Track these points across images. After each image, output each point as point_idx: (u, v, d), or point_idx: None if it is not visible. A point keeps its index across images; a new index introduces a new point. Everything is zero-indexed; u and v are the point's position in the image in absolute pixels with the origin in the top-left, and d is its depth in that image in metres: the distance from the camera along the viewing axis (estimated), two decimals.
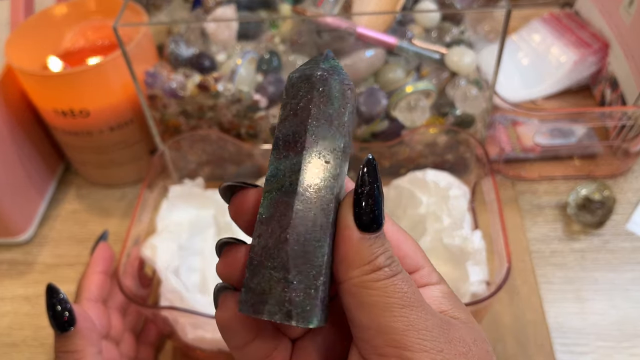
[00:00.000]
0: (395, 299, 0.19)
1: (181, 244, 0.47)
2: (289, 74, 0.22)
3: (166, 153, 0.52)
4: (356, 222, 0.20)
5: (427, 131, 0.52)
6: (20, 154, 0.56)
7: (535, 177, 0.58)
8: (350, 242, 0.20)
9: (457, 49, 0.52)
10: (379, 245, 0.20)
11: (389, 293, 0.19)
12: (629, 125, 0.55)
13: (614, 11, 0.58)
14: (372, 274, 0.20)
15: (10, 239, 0.57)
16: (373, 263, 0.20)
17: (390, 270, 0.20)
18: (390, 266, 0.20)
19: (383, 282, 0.20)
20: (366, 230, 0.20)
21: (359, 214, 0.20)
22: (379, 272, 0.20)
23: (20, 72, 0.51)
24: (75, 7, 0.58)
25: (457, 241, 0.44)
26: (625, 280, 0.49)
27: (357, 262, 0.20)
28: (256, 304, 0.20)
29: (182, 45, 0.55)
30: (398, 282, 0.20)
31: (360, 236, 0.20)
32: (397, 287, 0.20)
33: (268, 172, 0.21)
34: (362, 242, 0.20)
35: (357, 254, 0.20)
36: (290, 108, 0.21)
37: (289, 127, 0.21)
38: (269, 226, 0.20)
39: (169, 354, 0.48)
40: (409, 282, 0.20)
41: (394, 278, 0.20)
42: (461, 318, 0.22)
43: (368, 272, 0.20)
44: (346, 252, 0.20)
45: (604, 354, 0.45)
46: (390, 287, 0.20)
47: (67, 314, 0.34)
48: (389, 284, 0.20)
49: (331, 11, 0.55)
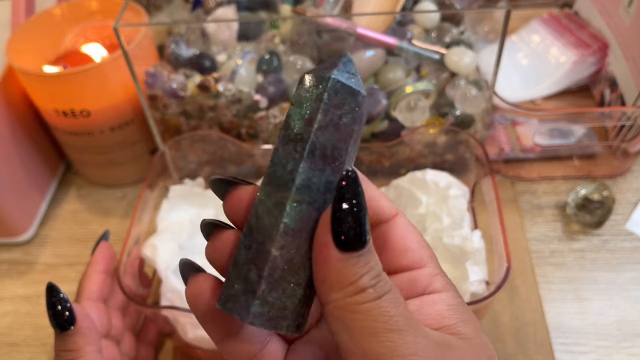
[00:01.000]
0: (381, 323, 0.18)
1: (181, 244, 0.47)
2: (330, 74, 0.20)
3: (166, 153, 0.53)
4: (335, 242, 0.18)
5: (427, 131, 0.53)
6: (21, 154, 0.56)
7: (534, 177, 0.59)
8: (329, 262, 0.19)
9: (456, 49, 0.52)
10: (363, 264, 0.18)
11: (374, 316, 0.18)
12: (628, 126, 0.55)
13: (614, 11, 0.59)
14: (356, 297, 0.18)
15: (10, 239, 0.57)
16: (356, 284, 0.18)
17: (375, 291, 0.18)
18: (376, 287, 0.18)
19: (367, 305, 0.18)
20: (347, 250, 0.18)
21: (337, 233, 0.18)
22: (363, 294, 0.18)
23: (21, 72, 0.52)
24: (75, 8, 0.58)
25: (456, 241, 0.44)
26: (625, 280, 0.49)
27: (339, 284, 0.18)
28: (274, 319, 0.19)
29: (183, 45, 0.55)
30: (384, 304, 0.18)
31: (340, 256, 0.18)
32: (383, 310, 0.18)
33: (299, 179, 0.19)
34: (342, 262, 0.18)
35: (338, 275, 0.18)
36: (331, 117, 0.20)
37: (329, 139, 0.20)
38: (296, 239, 0.19)
39: (169, 353, 0.48)
40: (397, 303, 0.19)
41: (379, 300, 0.18)
42: (466, 334, 0.20)
43: (351, 294, 0.18)
44: (326, 274, 0.19)
45: (603, 354, 0.45)
46: (375, 310, 0.18)
47: (67, 313, 0.34)
48: (373, 306, 0.18)
49: (331, 11, 0.55)
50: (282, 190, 0.20)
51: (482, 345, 0.20)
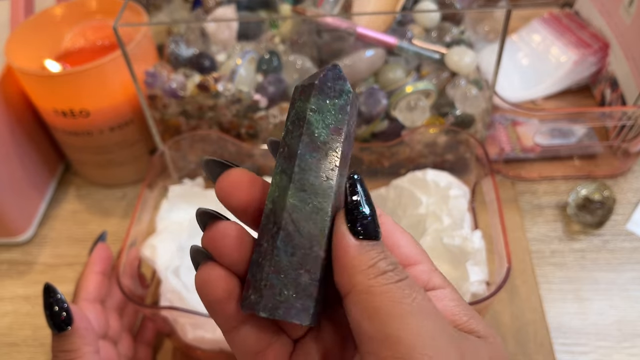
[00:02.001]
0: (404, 306, 0.18)
1: (181, 244, 0.47)
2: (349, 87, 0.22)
3: (166, 153, 0.52)
4: (351, 231, 0.20)
5: (427, 131, 0.52)
6: (20, 154, 0.56)
7: (535, 177, 0.58)
8: (348, 249, 0.19)
9: (457, 49, 0.52)
10: (379, 251, 0.19)
11: (397, 298, 0.18)
12: (629, 125, 0.55)
13: (614, 11, 0.59)
14: (378, 278, 0.19)
15: (10, 239, 0.57)
16: (376, 267, 0.19)
17: (395, 274, 0.19)
18: (395, 271, 0.19)
19: (390, 286, 0.18)
20: (364, 238, 0.19)
21: (353, 223, 0.20)
22: (384, 276, 0.19)
23: (20, 72, 0.51)
24: (75, 7, 0.58)
25: (457, 241, 0.44)
26: (625, 280, 0.49)
27: (359, 267, 0.19)
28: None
29: (182, 45, 0.55)
30: (406, 288, 0.18)
31: (357, 243, 0.19)
32: (406, 293, 0.18)
33: (336, 186, 0.21)
34: (360, 248, 0.19)
35: (357, 259, 0.19)
36: (349, 128, 0.22)
37: (348, 147, 0.22)
38: None
39: (169, 354, 0.48)
40: (417, 289, 0.19)
41: (400, 283, 0.19)
42: (479, 332, 0.20)
43: (373, 276, 0.19)
44: (346, 260, 0.19)
45: (603, 354, 0.45)
46: (397, 292, 0.18)
47: (65, 314, 0.34)
48: (395, 288, 0.18)
49: (331, 11, 0.55)
50: (321, 197, 0.21)
51: (495, 343, 0.20)
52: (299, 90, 0.22)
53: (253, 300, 0.20)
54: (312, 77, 0.22)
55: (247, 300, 0.20)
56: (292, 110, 0.22)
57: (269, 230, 0.20)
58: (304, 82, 0.22)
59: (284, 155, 0.21)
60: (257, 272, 0.20)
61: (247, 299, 0.20)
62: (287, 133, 0.21)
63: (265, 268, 0.20)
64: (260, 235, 0.21)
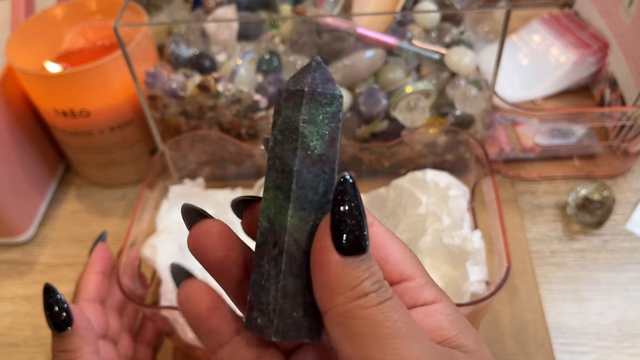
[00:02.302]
0: (385, 329, 0.17)
1: (181, 244, 0.47)
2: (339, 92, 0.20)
3: (166, 153, 0.52)
4: (335, 246, 0.18)
5: (427, 131, 0.53)
6: (20, 154, 0.56)
7: (535, 177, 0.58)
8: (329, 267, 0.18)
9: (457, 49, 0.52)
10: (364, 269, 0.18)
11: (377, 322, 0.17)
12: (628, 126, 0.55)
13: (614, 11, 0.59)
14: (358, 301, 0.18)
15: (10, 239, 0.57)
16: (358, 289, 0.18)
17: (377, 296, 0.18)
18: (378, 292, 0.18)
19: (370, 310, 0.17)
20: (348, 254, 0.18)
21: (338, 237, 0.18)
22: (365, 299, 0.18)
23: (21, 72, 0.51)
24: (75, 8, 0.58)
25: (456, 241, 0.44)
26: (625, 280, 0.49)
27: (340, 289, 0.18)
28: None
29: (183, 45, 0.55)
30: (387, 310, 0.18)
31: (340, 260, 0.18)
32: (387, 316, 0.17)
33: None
34: (343, 266, 0.18)
35: (338, 279, 0.18)
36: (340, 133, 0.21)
37: (338, 152, 0.21)
38: None
39: (169, 353, 0.48)
40: (400, 310, 0.18)
41: (382, 305, 0.18)
42: (468, 346, 0.19)
43: (352, 299, 0.18)
44: (326, 279, 0.18)
45: (603, 354, 0.45)
46: (378, 315, 0.17)
47: (65, 314, 0.34)
48: (377, 312, 0.17)
49: (331, 11, 0.55)
50: (321, 212, 0.20)
51: (485, 357, 0.20)
52: (284, 96, 0.20)
53: (261, 324, 0.19)
54: (298, 79, 0.20)
55: (254, 323, 0.19)
56: (279, 118, 0.20)
57: (269, 252, 0.19)
58: (289, 85, 0.20)
59: (276, 168, 0.20)
60: (261, 295, 0.19)
61: (252, 321, 0.20)
62: (276, 144, 0.20)
63: (272, 292, 0.19)
64: (258, 254, 0.20)
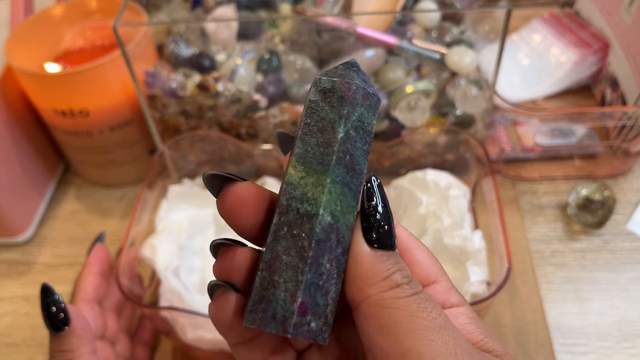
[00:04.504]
0: (420, 319, 0.17)
1: (181, 244, 0.47)
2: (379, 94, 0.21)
3: (166, 153, 0.52)
4: (366, 239, 0.18)
5: (427, 131, 0.52)
6: (19, 154, 0.56)
7: (535, 177, 0.58)
8: (362, 259, 0.18)
9: (457, 49, 0.52)
10: (393, 262, 0.18)
11: (413, 312, 0.17)
12: (629, 125, 0.54)
13: (615, 11, 0.58)
14: (392, 291, 0.18)
15: (10, 239, 0.57)
16: (390, 279, 0.18)
17: (411, 288, 0.18)
18: (410, 284, 0.18)
19: (405, 300, 0.17)
20: (379, 247, 0.18)
21: (368, 230, 0.19)
22: (399, 289, 0.18)
23: (20, 72, 0.51)
24: (75, 7, 0.58)
25: (457, 241, 0.44)
26: (625, 280, 0.49)
27: (373, 279, 0.18)
28: None
29: (182, 45, 0.54)
30: (422, 301, 0.17)
31: (371, 252, 0.18)
32: (422, 306, 0.17)
33: None
34: (374, 258, 0.18)
35: (370, 270, 0.18)
36: None
37: None
38: None
39: (168, 354, 0.47)
40: (434, 304, 0.18)
41: (416, 296, 0.18)
42: (496, 350, 0.19)
43: (387, 289, 0.18)
44: (359, 270, 0.18)
45: (604, 354, 0.45)
46: (413, 305, 0.17)
47: (62, 314, 0.34)
48: (411, 302, 0.17)
49: (331, 11, 0.55)
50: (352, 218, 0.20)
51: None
52: (361, 93, 0.20)
53: (316, 328, 0.18)
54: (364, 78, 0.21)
55: (306, 328, 0.18)
56: (354, 114, 0.20)
57: (332, 250, 0.19)
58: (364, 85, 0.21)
59: (346, 165, 0.19)
60: (318, 297, 0.18)
61: (304, 326, 0.18)
62: (348, 138, 0.20)
63: (332, 294, 0.19)
64: (317, 251, 0.18)
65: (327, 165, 0.19)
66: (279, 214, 0.19)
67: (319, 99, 0.20)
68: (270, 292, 0.18)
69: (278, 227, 0.19)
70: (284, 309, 0.18)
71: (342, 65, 0.21)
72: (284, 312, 0.18)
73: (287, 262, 0.18)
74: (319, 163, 0.19)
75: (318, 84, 0.20)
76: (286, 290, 0.18)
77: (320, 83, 0.20)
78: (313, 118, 0.20)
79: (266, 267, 0.18)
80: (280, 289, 0.18)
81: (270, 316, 0.18)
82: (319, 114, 0.20)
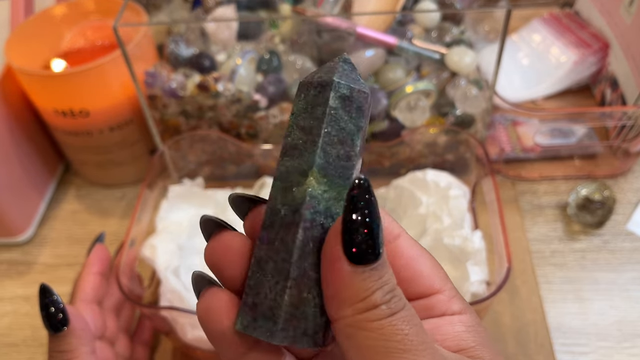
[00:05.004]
0: (394, 342, 0.17)
1: (181, 244, 0.47)
2: None
3: (166, 153, 0.52)
4: (346, 255, 0.17)
5: (427, 131, 0.52)
6: (20, 154, 0.56)
7: (535, 177, 0.58)
8: (340, 276, 0.17)
9: (457, 49, 0.52)
10: (376, 278, 0.17)
11: (387, 335, 0.17)
12: (629, 125, 0.54)
13: (614, 11, 0.58)
14: (367, 313, 0.17)
15: (10, 239, 0.57)
16: (368, 300, 0.17)
17: (388, 308, 0.17)
18: (389, 303, 0.17)
19: (380, 323, 0.17)
20: (359, 263, 0.17)
21: (349, 245, 0.17)
22: (375, 311, 0.17)
23: (20, 72, 0.51)
24: (75, 7, 0.58)
25: (457, 241, 0.44)
26: (626, 280, 0.49)
27: (349, 300, 0.17)
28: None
29: (182, 45, 0.54)
30: (397, 323, 0.17)
31: (351, 270, 0.17)
32: (397, 329, 0.17)
33: None
34: (354, 276, 0.17)
35: (348, 290, 0.17)
36: None
37: None
38: None
39: (168, 354, 0.47)
40: (411, 322, 0.18)
41: (392, 318, 0.17)
42: (484, 358, 0.19)
43: (362, 311, 0.17)
44: (336, 289, 0.18)
45: (604, 354, 0.45)
46: (387, 328, 0.17)
47: (61, 315, 0.34)
48: (386, 324, 0.17)
49: (331, 11, 0.55)
50: None
51: None
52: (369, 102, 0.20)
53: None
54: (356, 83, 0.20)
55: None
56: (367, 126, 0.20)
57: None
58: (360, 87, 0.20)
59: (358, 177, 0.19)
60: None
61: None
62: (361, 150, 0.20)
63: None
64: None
65: (347, 180, 0.19)
66: (303, 230, 0.18)
67: (339, 106, 0.20)
68: (300, 310, 0.18)
69: (304, 243, 0.18)
70: (314, 323, 0.19)
71: (341, 63, 0.20)
72: (315, 327, 0.19)
73: (316, 279, 0.19)
74: (339, 177, 0.19)
75: (337, 89, 0.20)
76: (315, 306, 0.19)
77: (339, 88, 0.20)
78: (334, 127, 0.19)
79: (294, 284, 0.18)
80: (309, 305, 0.19)
81: (300, 333, 0.18)
82: (339, 124, 0.19)
